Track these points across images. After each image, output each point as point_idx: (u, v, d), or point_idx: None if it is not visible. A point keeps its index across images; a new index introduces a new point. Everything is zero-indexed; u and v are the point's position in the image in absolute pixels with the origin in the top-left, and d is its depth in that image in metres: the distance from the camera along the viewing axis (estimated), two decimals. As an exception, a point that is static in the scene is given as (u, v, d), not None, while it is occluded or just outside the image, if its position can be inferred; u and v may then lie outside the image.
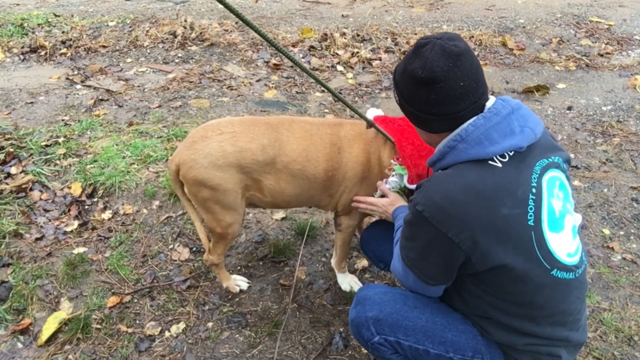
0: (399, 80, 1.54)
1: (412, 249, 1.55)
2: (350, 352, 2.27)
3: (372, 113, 2.16)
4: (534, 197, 1.44)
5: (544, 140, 1.56)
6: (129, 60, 4.90)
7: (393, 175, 2.03)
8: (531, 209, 1.43)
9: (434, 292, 1.65)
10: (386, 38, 5.40)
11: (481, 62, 5.04)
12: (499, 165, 1.44)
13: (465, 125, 1.47)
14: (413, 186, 1.91)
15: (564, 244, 1.50)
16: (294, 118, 2.19)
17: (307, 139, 2.09)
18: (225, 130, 2.04)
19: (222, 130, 2.04)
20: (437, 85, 1.42)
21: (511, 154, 1.45)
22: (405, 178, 1.98)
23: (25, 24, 5.40)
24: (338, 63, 4.95)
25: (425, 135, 1.64)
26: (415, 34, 5.47)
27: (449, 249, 1.45)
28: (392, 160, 2.05)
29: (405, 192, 2.05)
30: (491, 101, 1.52)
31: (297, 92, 4.46)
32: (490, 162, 1.44)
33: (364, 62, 4.99)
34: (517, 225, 1.42)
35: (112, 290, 2.53)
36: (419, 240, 1.52)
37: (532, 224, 1.43)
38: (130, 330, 2.34)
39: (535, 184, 1.46)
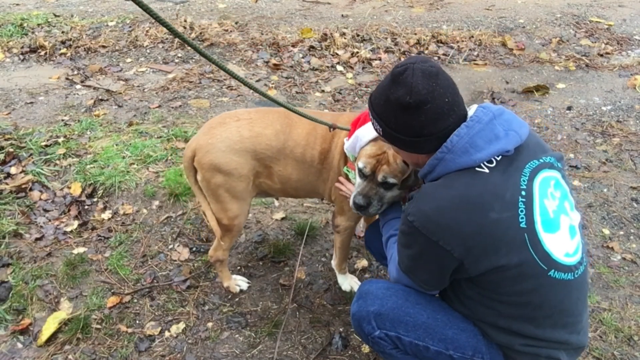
0: (383, 111, 1.55)
1: (407, 256, 1.60)
2: (350, 352, 2.27)
3: None
4: (524, 200, 1.46)
5: (532, 142, 1.57)
6: (128, 60, 4.90)
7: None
8: (522, 211, 1.45)
9: (429, 292, 1.70)
10: (386, 38, 5.40)
11: (481, 62, 5.06)
12: (486, 171, 1.46)
13: (449, 136, 1.50)
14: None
15: (561, 243, 1.51)
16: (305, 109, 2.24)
17: (311, 124, 2.14)
18: (242, 117, 2.15)
19: (239, 117, 2.14)
20: (425, 106, 1.46)
21: (499, 158, 1.48)
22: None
23: (25, 24, 5.40)
24: (338, 63, 4.95)
25: (414, 158, 1.64)
26: (415, 34, 5.47)
27: (441, 256, 1.48)
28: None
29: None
30: (472, 110, 1.55)
31: (297, 92, 4.46)
32: (477, 168, 1.47)
33: (363, 62, 4.99)
34: (508, 229, 1.44)
35: (112, 290, 2.53)
36: (412, 248, 1.56)
37: (525, 226, 1.45)
38: (130, 330, 2.34)
39: (525, 187, 1.47)
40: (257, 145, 2.09)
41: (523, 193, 1.46)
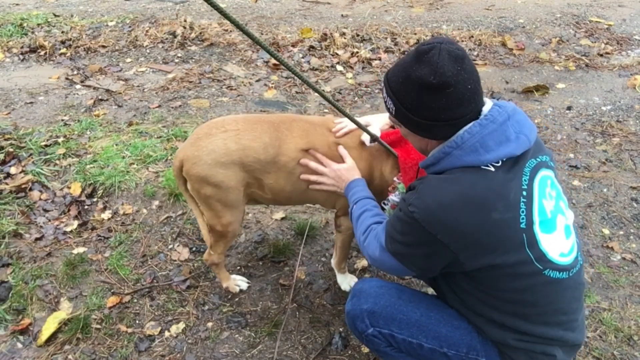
0: (399, 89, 1.49)
1: (400, 242, 1.55)
2: (350, 352, 2.27)
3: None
4: (525, 200, 1.45)
5: (535, 142, 1.57)
6: (128, 60, 4.90)
7: (396, 195, 2.02)
8: (523, 212, 1.44)
9: (409, 274, 1.67)
10: (386, 38, 5.40)
11: (481, 62, 5.06)
12: (492, 169, 1.44)
13: (461, 132, 1.47)
14: None
15: (556, 244, 1.51)
16: (295, 117, 2.19)
17: (303, 135, 2.08)
18: (229, 127, 2.03)
19: (226, 128, 2.03)
20: (448, 89, 1.41)
21: (504, 159, 1.46)
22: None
23: (25, 24, 5.40)
24: (338, 63, 4.95)
25: (422, 142, 1.61)
26: (415, 33, 5.47)
27: (437, 248, 1.47)
28: (394, 179, 2.04)
29: None
30: (488, 106, 1.51)
31: (296, 92, 4.46)
32: (483, 166, 1.45)
33: (363, 62, 4.99)
34: (509, 230, 1.43)
35: (112, 290, 2.53)
36: (408, 237, 1.52)
37: (524, 227, 1.44)
38: (130, 330, 2.34)
39: (526, 187, 1.46)
40: (244, 158, 2.02)
41: (524, 193, 1.46)
